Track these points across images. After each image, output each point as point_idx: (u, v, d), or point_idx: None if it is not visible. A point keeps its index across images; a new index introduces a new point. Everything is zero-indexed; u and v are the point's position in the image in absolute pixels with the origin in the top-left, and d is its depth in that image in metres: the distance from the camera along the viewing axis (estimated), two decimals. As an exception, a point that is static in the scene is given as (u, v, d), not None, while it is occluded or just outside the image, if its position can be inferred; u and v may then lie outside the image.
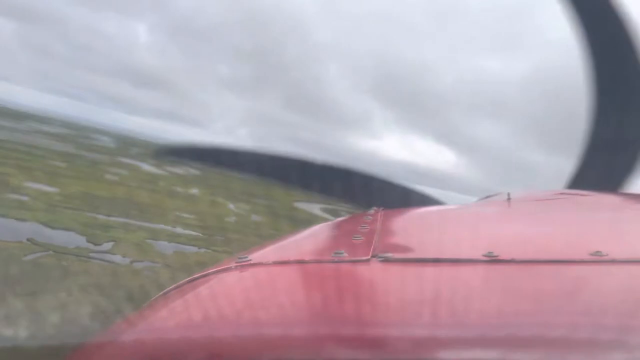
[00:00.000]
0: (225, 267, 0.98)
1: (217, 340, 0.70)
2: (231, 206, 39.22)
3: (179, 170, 61.80)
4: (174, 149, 1.94)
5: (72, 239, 18.52)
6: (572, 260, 0.91)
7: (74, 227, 20.09)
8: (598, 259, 0.90)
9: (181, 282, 0.99)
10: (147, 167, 56.32)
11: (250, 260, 0.98)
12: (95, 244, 18.65)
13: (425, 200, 2.11)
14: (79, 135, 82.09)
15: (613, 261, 0.90)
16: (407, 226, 1.48)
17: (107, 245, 18.68)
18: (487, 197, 2.16)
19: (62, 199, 25.21)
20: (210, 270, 0.98)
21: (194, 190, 45.06)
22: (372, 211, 1.54)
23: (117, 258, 17.45)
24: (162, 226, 24.60)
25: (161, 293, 0.98)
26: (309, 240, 1.31)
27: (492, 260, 0.90)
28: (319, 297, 0.81)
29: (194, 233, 24.31)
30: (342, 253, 0.95)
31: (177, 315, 0.85)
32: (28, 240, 17.08)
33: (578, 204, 1.76)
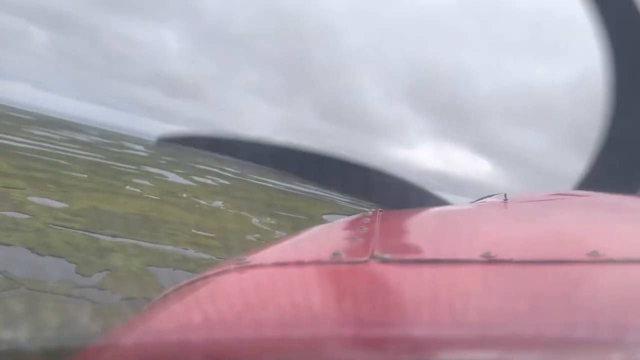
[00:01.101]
0: (224, 269, 0.97)
1: (217, 342, 0.71)
2: (255, 220, 36.64)
3: (207, 180, 60.51)
4: (176, 138, 1.73)
5: (59, 268, 16.10)
6: (570, 260, 0.92)
7: (66, 253, 17.73)
8: (595, 259, 0.90)
9: (180, 284, 0.99)
10: (173, 177, 54.88)
11: (249, 262, 0.98)
12: (84, 275, 16.15)
13: (435, 202, 1.95)
14: (113, 144, 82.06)
15: (610, 261, 0.90)
16: (405, 227, 1.45)
17: (98, 277, 16.11)
18: (484, 197, 2.12)
19: (67, 216, 23.07)
20: (209, 273, 0.98)
21: (218, 203, 42.91)
22: (370, 212, 1.54)
23: (104, 295, 14.79)
24: (172, 248, 22.04)
25: (160, 295, 0.98)
26: (307, 242, 1.32)
27: (490, 260, 0.90)
28: (318, 298, 0.82)
29: (206, 256, 21.56)
30: (340, 254, 0.96)
31: (177, 317, 0.85)
32: (0, 273, 14.74)
33: (575, 204, 1.79)
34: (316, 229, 1.44)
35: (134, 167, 52.26)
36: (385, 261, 0.92)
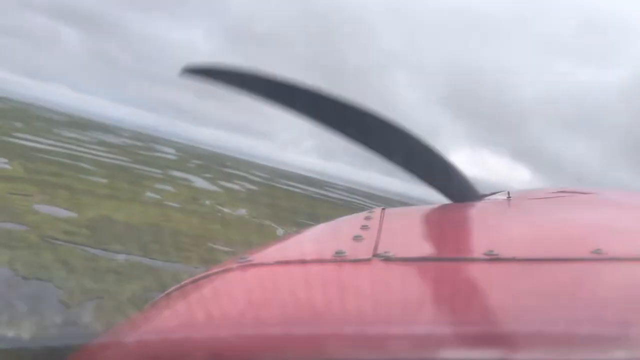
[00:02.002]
0: (227, 267, 0.98)
1: (220, 340, 0.71)
2: (280, 231, 34.21)
3: (235, 185, 58.59)
4: (202, 69, 1.49)
5: (39, 296, 13.77)
6: (573, 258, 0.91)
7: (56, 275, 15.48)
8: (599, 257, 0.90)
9: (183, 282, 0.99)
10: (199, 182, 53.10)
11: (251, 260, 0.99)
12: (67, 306, 13.75)
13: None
14: (142, 146, 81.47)
15: (614, 259, 0.89)
16: (408, 225, 1.45)
17: (79, 309, 13.63)
18: (487, 195, 2.02)
19: (71, 228, 21.00)
20: (212, 271, 0.99)
21: (242, 211, 40.65)
22: (372, 210, 1.52)
23: (71, 337, 12.28)
24: (181, 267, 19.59)
25: (163, 293, 0.98)
26: (310, 240, 1.32)
27: (493, 258, 0.90)
28: (321, 296, 0.82)
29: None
30: (343, 252, 0.95)
31: (180, 315, 0.86)
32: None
33: (579, 201, 1.75)
34: (319, 227, 1.42)
35: (159, 171, 50.56)
36: (388, 259, 0.92)
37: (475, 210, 1.61)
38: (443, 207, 1.61)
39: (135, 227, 23.93)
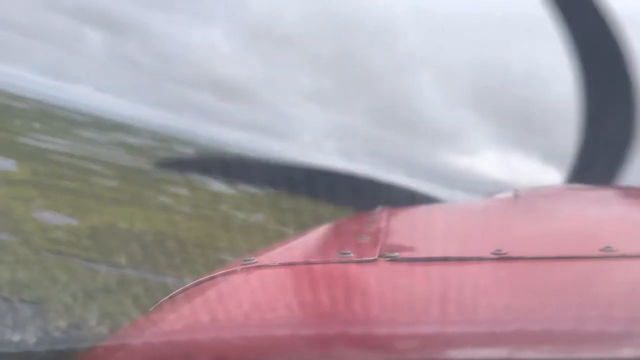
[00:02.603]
0: (232, 269, 0.97)
1: (225, 342, 0.72)
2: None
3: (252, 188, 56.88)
4: (177, 161, 1.79)
5: (21, 323, 12.13)
6: (582, 256, 0.90)
7: (45, 295, 13.76)
8: (608, 255, 0.88)
9: (188, 285, 1.00)
10: (216, 184, 51.66)
11: (256, 262, 0.98)
12: (53, 332, 12.12)
13: (428, 200, 1.96)
14: (162, 147, 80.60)
15: (624, 256, 0.88)
16: (414, 225, 1.44)
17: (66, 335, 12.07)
18: (493, 193, 2.05)
19: (70, 239, 19.40)
20: (217, 273, 0.98)
21: (258, 216, 38.90)
22: (377, 210, 1.50)
23: None
24: (184, 282, 17.75)
25: (168, 296, 0.98)
26: (314, 241, 1.32)
27: (501, 257, 0.89)
28: (326, 298, 0.82)
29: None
30: (348, 253, 0.95)
31: (184, 318, 0.87)
32: None
33: (586, 198, 1.71)
34: (323, 228, 1.42)
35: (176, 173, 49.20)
36: (394, 260, 0.92)
37: (483, 209, 1.64)
38: (449, 206, 1.65)
39: (140, 236, 22.29)
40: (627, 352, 0.60)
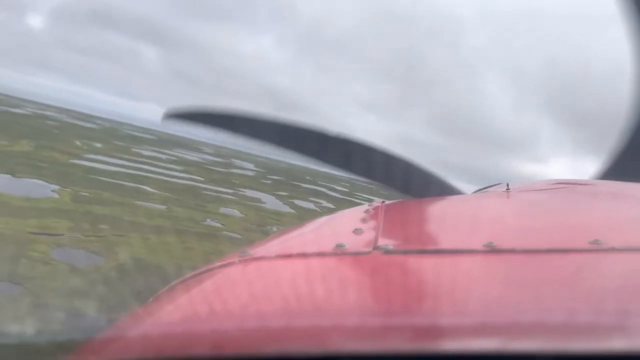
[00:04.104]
0: (229, 261, 0.99)
1: (222, 332, 0.72)
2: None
3: (310, 204, 53.68)
4: (182, 114, 1.72)
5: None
6: (572, 249, 0.92)
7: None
8: (597, 248, 0.91)
9: (186, 276, 1.00)
10: (271, 202, 48.63)
11: (253, 254, 1.00)
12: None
13: (446, 189, 1.95)
14: (220, 163, 79.67)
15: (612, 249, 0.90)
16: (408, 218, 1.48)
17: None
18: (486, 187, 2.13)
19: (83, 286, 16.72)
20: (214, 265, 0.99)
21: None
22: (372, 203, 1.54)
23: None
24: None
25: (166, 287, 0.98)
26: (310, 234, 1.32)
27: (492, 250, 0.91)
28: (322, 289, 0.83)
29: None
30: (344, 245, 0.96)
31: (183, 308, 0.87)
32: None
33: (577, 193, 1.78)
34: (319, 221, 1.42)
35: (230, 191, 46.79)
36: (388, 252, 0.93)
37: (475, 203, 1.62)
38: (443, 200, 1.61)
39: (171, 275, 19.28)
40: (616, 342, 0.61)
